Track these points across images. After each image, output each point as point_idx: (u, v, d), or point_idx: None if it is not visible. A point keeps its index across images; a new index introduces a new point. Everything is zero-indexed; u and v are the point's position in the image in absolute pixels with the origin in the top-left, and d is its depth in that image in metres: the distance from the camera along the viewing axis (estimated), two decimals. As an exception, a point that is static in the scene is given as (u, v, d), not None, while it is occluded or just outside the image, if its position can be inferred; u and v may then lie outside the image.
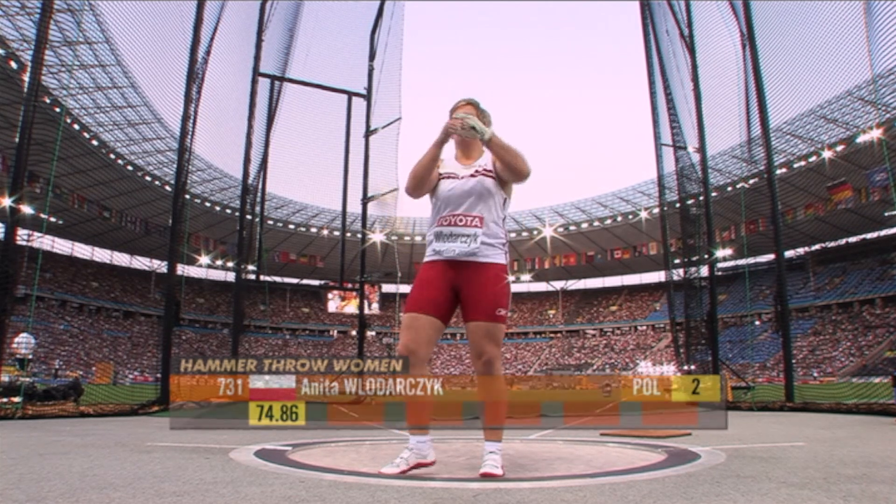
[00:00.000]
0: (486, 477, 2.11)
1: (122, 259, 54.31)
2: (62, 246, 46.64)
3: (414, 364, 2.35)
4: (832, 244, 46.71)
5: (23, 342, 8.46)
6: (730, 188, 34.41)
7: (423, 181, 2.48)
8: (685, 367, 9.81)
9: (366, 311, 16.96)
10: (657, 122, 10.43)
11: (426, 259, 2.49)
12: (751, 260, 38.61)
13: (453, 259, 2.39)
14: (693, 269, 9.77)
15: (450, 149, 2.57)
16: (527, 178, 2.42)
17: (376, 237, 41.07)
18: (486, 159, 2.50)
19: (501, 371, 2.37)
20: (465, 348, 61.70)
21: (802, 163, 35.22)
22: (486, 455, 2.25)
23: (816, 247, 47.60)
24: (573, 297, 69.50)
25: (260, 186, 11.53)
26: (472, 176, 2.47)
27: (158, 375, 7.38)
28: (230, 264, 38.53)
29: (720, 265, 30.81)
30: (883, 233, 41.47)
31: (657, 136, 10.37)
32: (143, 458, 2.64)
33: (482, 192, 2.41)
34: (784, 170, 35.15)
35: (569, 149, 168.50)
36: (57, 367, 36.00)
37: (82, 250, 51.57)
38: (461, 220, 2.39)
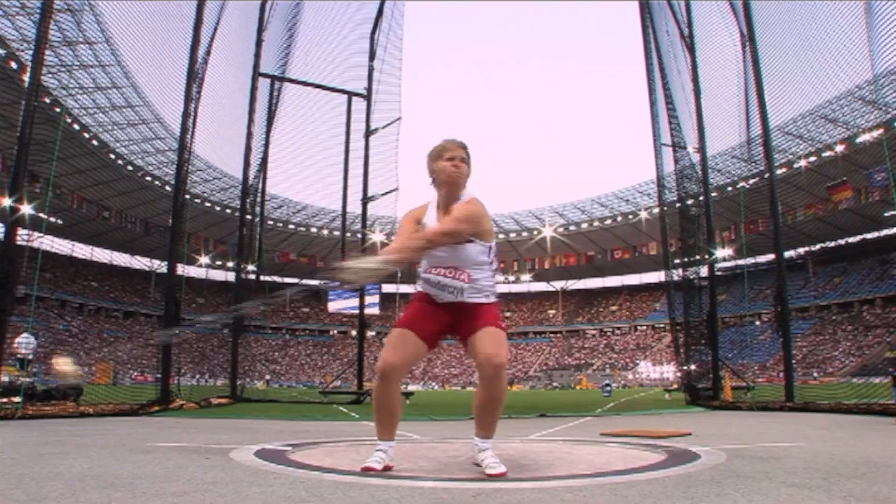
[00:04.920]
0: (493, 477, 2.12)
1: (122, 259, 54.33)
2: (62, 246, 46.58)
3: (392, 378, 2.35)
4: (832, 244, 46.70)
5: (23, 342, 8.47)
6: (730, 188, 34.41)
7: None
8: (685, 367, 9.82)
9: (366, 311, 16.95)
10: (656, 122, 10.43)
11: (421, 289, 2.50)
12: (751, 260, 38.62)
13: (446, 303, 2.43)
14: (693, 269, 9.77)
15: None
16: (461, 237, 2.34)
17: (376, 237, 41.07)
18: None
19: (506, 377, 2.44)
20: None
21: (802, 163, 35.22)
22: (485, 454, 2.28)
23: (816, 247, 47.59)
24: (573, 297, 69.47)
25: (260, 186, 11.54)
26: None
27: (158, 375, 7.38)
28: (230, 264, 38.47)
29: (720, 265, 30.78)
30: (883, 233, 41.46)
31: (657, 136, 10.37)
32: (143, 458, 2.64)
33: (461, 254, 2.38)
34: (784, 170, 35.14)
35: (569, 149, 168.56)
36: (57, 367, 35.98)
37: (82, 250, 51.57)
38: (450, 273, 2.38)
